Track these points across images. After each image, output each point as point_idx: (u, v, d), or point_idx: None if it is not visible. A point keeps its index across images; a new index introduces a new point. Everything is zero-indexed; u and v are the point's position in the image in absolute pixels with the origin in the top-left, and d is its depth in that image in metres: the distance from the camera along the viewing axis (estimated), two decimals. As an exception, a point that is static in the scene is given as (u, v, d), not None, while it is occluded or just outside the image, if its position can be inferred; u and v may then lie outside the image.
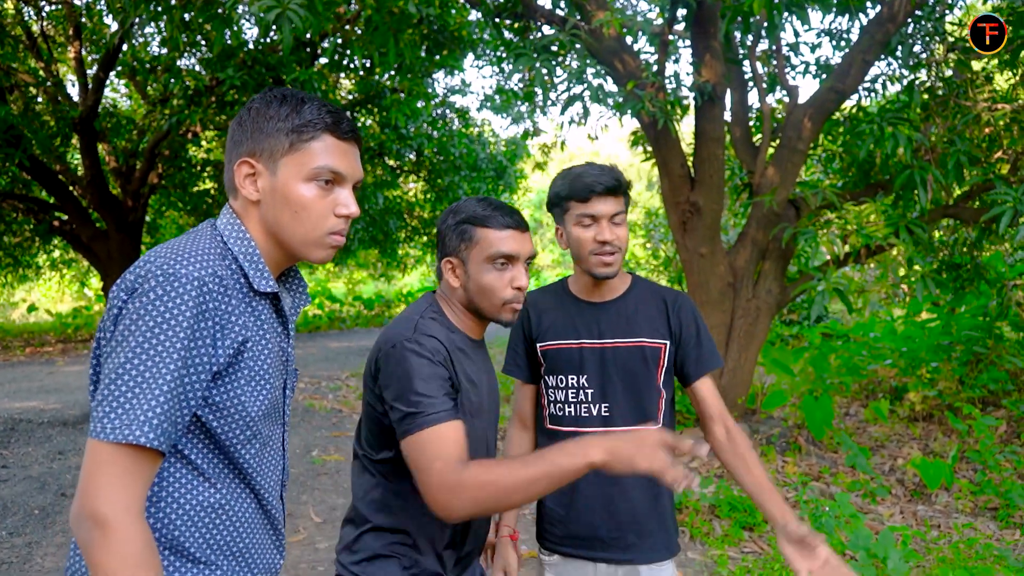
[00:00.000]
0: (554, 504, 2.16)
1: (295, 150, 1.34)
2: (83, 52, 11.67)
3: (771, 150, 6.80)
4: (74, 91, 15.93)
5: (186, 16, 7.77)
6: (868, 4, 6.34)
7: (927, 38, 6.75)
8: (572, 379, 2.11)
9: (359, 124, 12.68)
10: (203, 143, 13.51)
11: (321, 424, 7.58)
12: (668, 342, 2.11)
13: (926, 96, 6.62)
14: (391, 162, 14.16)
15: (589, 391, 2.10)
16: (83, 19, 11.40)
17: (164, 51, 10.85)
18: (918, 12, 6.53)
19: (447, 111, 13.91)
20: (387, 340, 1.71)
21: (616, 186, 2.03)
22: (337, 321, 20.19)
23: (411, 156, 14.08)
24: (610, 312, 2.13)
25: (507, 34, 7.45)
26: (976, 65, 6.99)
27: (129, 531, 1.12)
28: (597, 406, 2.09)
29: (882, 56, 6.82)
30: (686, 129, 8.23)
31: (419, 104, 11.37)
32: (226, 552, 1.31)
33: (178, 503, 1.26)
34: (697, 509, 4.92)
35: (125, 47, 10.99)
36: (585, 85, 6.12)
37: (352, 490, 1.84)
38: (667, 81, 6.34)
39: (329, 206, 1.37)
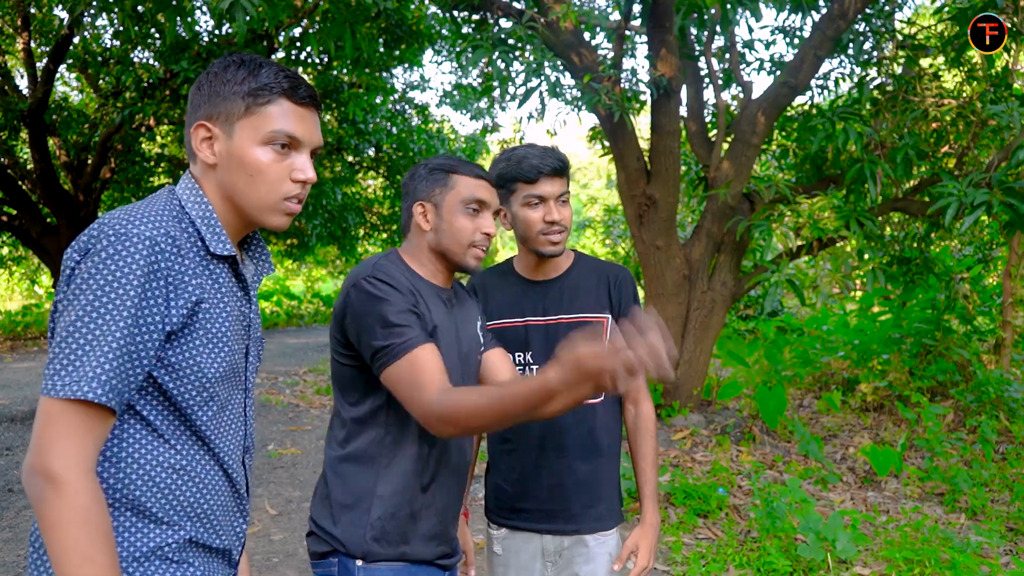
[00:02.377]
0: (501, 478, 2.19)
1: (251, 113, 1.34)
2: (32, 44, 11.41)
3: (726, 144, 6.89)
4: (23, 83, 15.57)
5: (139, 7, 7.65)
6: (820, 2, 6.46)
7: (877, 36, 6.89)
8: (519, 356, 2.15)
9: (317, 119, 12.56)
10: (157, 137, 13.29)
11: (278, 419, 7.52)
12: (609, 315, 2.15)
13: (876, 92, 6.75)
14: (349, 158, 14.07)
15: (535, 367, 2.13)
16: (32, 9, 11.15)
17: (116, 43, 10.67)
18: (868, 10, 6.66)
19: (406, 107, 13.85)
20: (349, 283, 1.74)
21: (561, 167, 2.09)
22: (295, 318, 20.03)
23: (370, 152, 14.00)
24: (554, 289, 2.17)
25: (464, 27, 7.45)
26: (924, 62, 7.15)
27: (79, 486, 1.12)
28: None
29: (835, 53, 6.96)
30: (643, 123, 8.30)
31: (377, 99, 11.32)
32: (188, 513, 1.30)
33: (138, 463, 1.26)
34: (653, 497, 4.96)
35: (76, 39, 10.77)
36: (542, 79, 6.15)
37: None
38: (623, 75, 6.39)
39: (285, 171, 1.36)
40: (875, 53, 6.96)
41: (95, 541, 1.13)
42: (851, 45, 6.79)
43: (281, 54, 10.32)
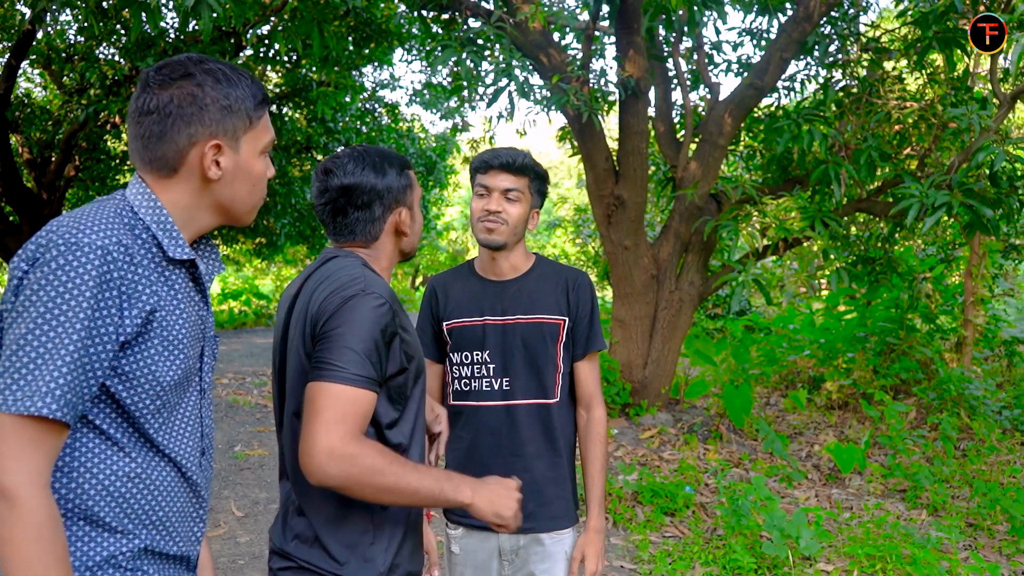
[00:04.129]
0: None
1: (253, 127, 1.39)
2: (-6, 39, 11.21)
3: (693, 145, 6.94)
4: (-15, 80, 15.29)
5: (104, 3, 7.55)
6: (786, 4, 6.53)
7: (842, 39, 6.98)
8: (476, 355, 2.18)
9: (286, 118, 12.50)
10: (123, 135, 13.12)
11: (245, 419, 7.46)
12: (566, 319, 2.19)
13: (841, 95, 6.84)
14: (319, 157, 13.98)
15: (491, 366, 2.16)
16: (-7, 4, 10.95)
17: (81, 39, 10.52)
18: (833, 13, 6.74)
19: (376, 105, 13.79)
20: (340, 290, 1.58)
21: (511, 163, 2.13)
22: (264, 318, 19.85)
23: (339, 151, 13.91)
24: (512, 289, 2.20)
25: (433, 27, 7.43)
26: (887, 65, 7.26)
27: (33, 503, 1.11)
28: (498, 380, 2.16)
29: (800, 56, 7.03)
30: (612, 124, 8.34)
31: (347, 97, 11.25)
32: (144, 521, 1.30)
33: (91, 472, 1.24)
34: (620, 496, 5.00)
35: (40, 34, 10.60)
36: (511, 79, 6.16)
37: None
38: (592, 76, 6.42)
39: (266, 174, 1.45)
40: (840, 56, 7.05)
41: (49, 556, 1.12)
42: (816, 48, 6.87)
43: (249, 52, 10.24)
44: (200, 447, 1.42)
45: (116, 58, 10.58)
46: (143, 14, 5.69)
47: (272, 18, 8.95)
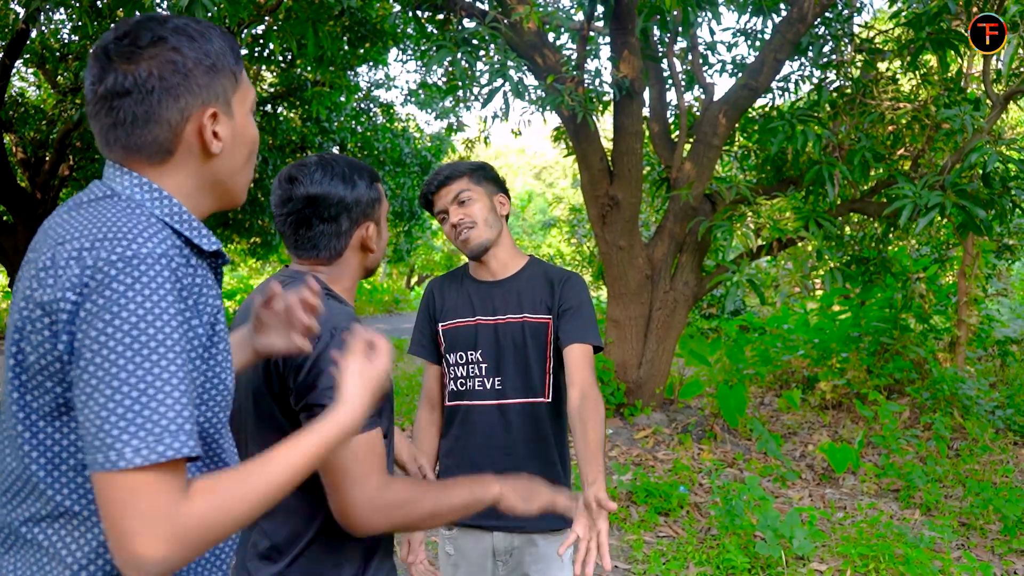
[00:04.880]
0: (450, 476, 2.21)
1: (240, 85, 1.19)
2: (-13, 38, 11.19)
3: (688, 146, 6.95)
4: (-22, 79, 15.26)
5: (98, 2, 7.54)
6: (780, 5, 6.55)
7: (836, 40, 7.00)
8: (470, 355, 2.20)
9: (281, 117, 12.50)
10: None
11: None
12: (553, 317, 2.20)
13: (835, 95, 6.86)
14: (314, 156, 13.97)
15: (483, 365, 2.19)
16: (-13, 3, 10.93)
17: (75, 38, 10.50)
18: (827, 14, 6.76)
19: (371, 105, 13.79)
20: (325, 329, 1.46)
21: (444, 178, 2.17)
22: (259, 318, 19.85)
23: (334, 150, 13.92)
24: (503, 289, 2.22)
25: (428, 27, 7.44)
26: (881, 66, 7.28)
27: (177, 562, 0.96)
28: (491, 380, 2.18)
29: (794, 56, 7.05)
30: (607, 124, 8.35)
31: (341, 97, 11.25)
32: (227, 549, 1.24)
33: None
34: (614, 496, 5.01)
35: (33, 33, 10.58)
36: (506, 79, 6.16)
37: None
38: (586, 76, 6.43)
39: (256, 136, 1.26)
40: (834, 56, 7.07)
41: None
42: (811, 48, 6.88)
43: (243, 51, 10.23)
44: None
45: (110, 57, 10.56)
46: (137, 13, 5.69)
47: (267, 18, 8.95)
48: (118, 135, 1.12)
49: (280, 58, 10.28)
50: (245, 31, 9.07)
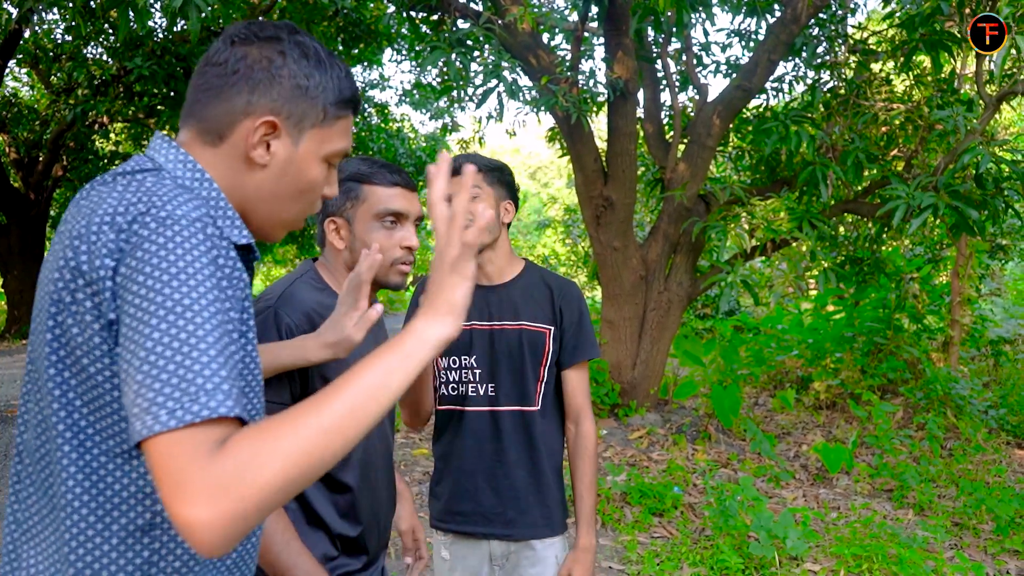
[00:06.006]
0: (444, 484, 2.21)
1: (325, 125, 1.16)
2: (-20, 38, 11.16)
3: (682, 146, 6.96)
4: (-28, 79, 15.21)
5: (91, 3, 7.52)
6: (775, 6, 6.56)
7: (830, 40, 7.01)
8: (464, 359, 2.17)
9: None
10: (111, 135, 13.07)
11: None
12: (553, 327, 2.18)
13: (828, 96, 6.87)
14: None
15: (477, 371, 2.16)
16: (-20, 3, 10.89)
17: (68, 38, 10.49)
18: (821, 15, 6.78)
19: (366, 105, 13.79)
20: (258, 305, 1.61)
21: (460, 167, 2.09)
22: (254, 318, 19.82)
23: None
24: (499, 295, 2.19)
25: (422, 28, 7.44)
26: (875, 67, 7.30)
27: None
28: (484, 386, 2.15)
29: (788, 57, 7.06)
30: (601, 125, 8.35)
31: (336, 97, 11.21)
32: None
33: None
34: (609, 497, 5.01)
35: (27, 33, 10.56)
36: (500, 80, 6.16)
37: None
38: (580, 77, 6.43)
39: (323, 186, 1.20)
40: (827, 57, 7.09)
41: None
42: (804, 49, 6.90)
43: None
44: None
45: (104, 58, 10.55)
46: (131, 14, 5.68)
47: (260, 18, 8.94)
48: (192, 100, 1.13)
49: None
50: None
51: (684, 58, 7.34)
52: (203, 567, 1.08)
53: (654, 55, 7.15)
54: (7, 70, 11.12)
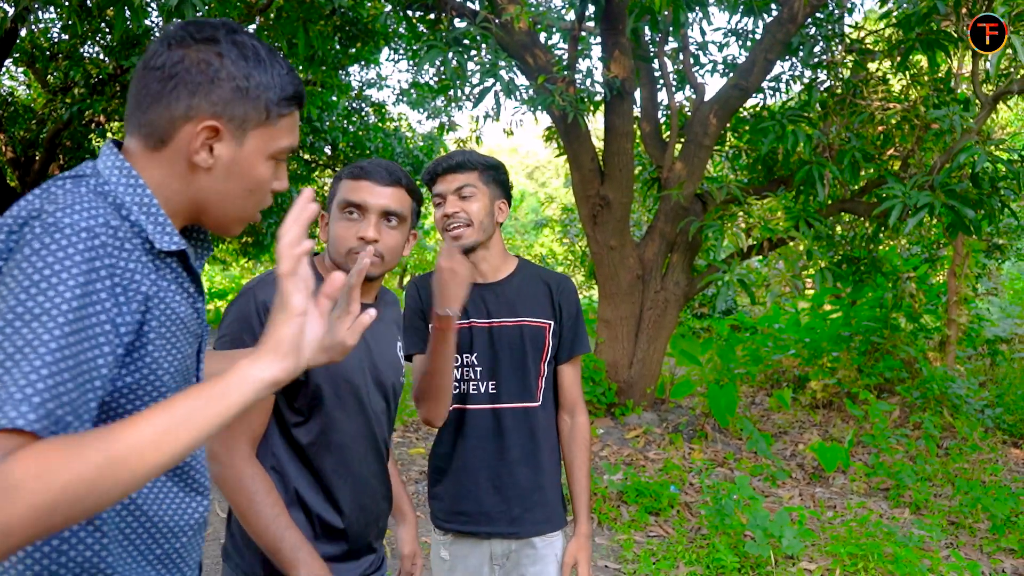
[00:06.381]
0: (443, 483, 2.20)
1: (269, 124, 1.16)
2: (-24, 37, 11.13)
3: (679, 146, 6.96)
4: (-32, 78, 15.19)
5: (87, 1, 7.50)
6: (772, 5, 6.56)
7: (827, 40, 7.02)
8: (465, 358, 2.15)
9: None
10: (108, 134, 13.05)
11: (231, 420, 7.45)
12: (552, 322, 2.19)
13: (825, 95, 6.87)
14: (306, 156, 13.95)
15: (479, 369, 2.15)
16: (-25, 2, 10.87)
17: (65, 37, 10.46)
18: (818, 15, 6.78)
19: (363, 104, 13.77)
20: (245, 289, 1.74)
21: (457, 163, 2.10)
22: (251, 318, 19.81)
23: (326, 150, 13.89)
24: (496, 292, 2.18)
25: (419, 27, 7.43)
26: (871, 67, 7.30)
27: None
28: (485, 384, 2.15)
29: (785, 56, 7.07)
30: (598, 124, 8.36)
31: (333, 97, 11.23)
32: (157, 542, 1.18)
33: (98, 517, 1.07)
34: (605, 496, 5.01)
35: (23, 32, 10.53)
36: (497, 79, 6.16)
37: None
38: (577, 76, 6.43)
39: (271, 183, 1.21)
40: (824, 57, 7.10)
41: None
42: (801, 49, 6.91)
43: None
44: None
45: (100, 57, 10.53)
46: (127, 12, 5.67)
47: (257, 17, 8.92)
48: (132, 105, 1.13)
49: (271, 57, 10.23)
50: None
51: (681, 57, 7.34)
52: None
53: (651, 54, 7.15)
54: (3, 69, 11.09)
